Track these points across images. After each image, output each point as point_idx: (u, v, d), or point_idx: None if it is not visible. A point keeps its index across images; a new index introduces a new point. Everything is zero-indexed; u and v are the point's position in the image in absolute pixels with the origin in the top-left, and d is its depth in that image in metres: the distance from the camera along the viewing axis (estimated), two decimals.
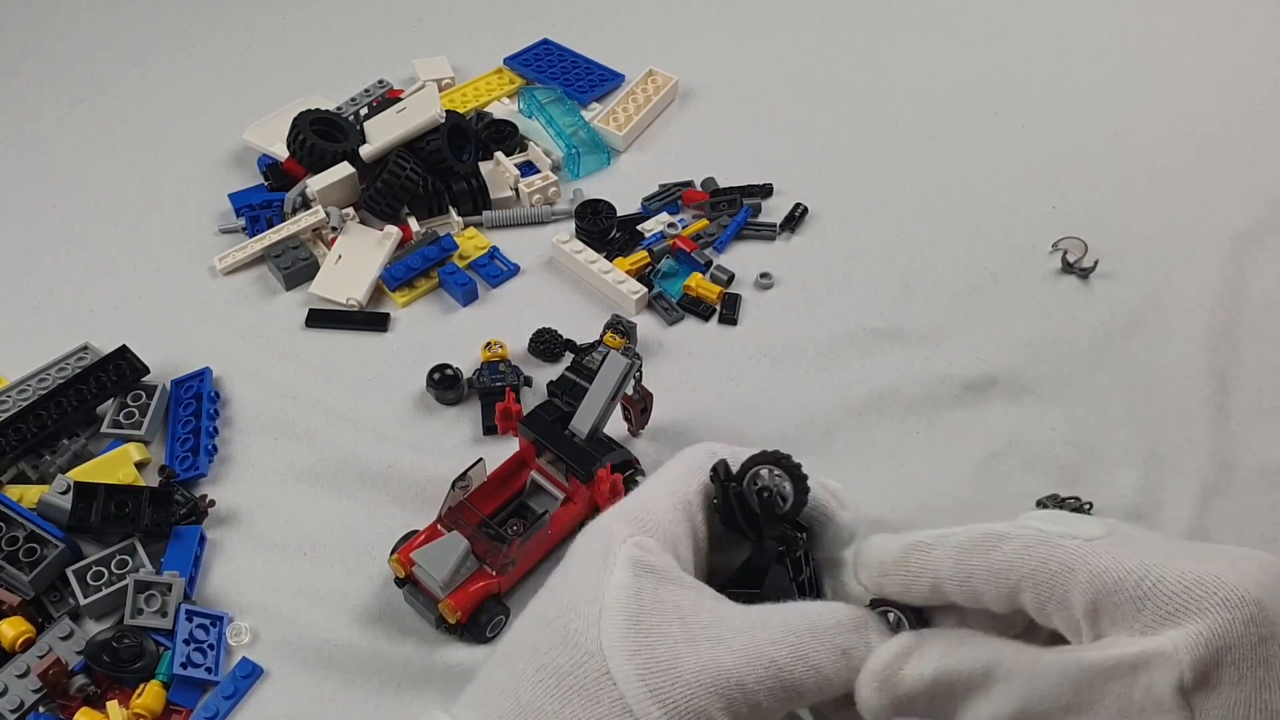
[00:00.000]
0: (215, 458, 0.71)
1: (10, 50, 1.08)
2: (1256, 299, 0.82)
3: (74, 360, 0.75)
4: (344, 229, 0.85)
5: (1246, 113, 1.00)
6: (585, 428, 0.64)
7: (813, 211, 0.89)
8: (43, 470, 0.69)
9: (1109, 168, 0.94)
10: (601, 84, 1.02)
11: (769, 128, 0.98)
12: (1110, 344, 0.79)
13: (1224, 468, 0.70)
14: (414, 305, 0.82)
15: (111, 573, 0.63)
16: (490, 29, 1.10)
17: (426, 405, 0.75)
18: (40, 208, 0.91)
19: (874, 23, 1.12)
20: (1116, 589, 0.36)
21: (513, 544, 0.60)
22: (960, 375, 0.76)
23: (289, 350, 0.79)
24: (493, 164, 0.92)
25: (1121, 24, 1.12)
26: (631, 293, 0.80)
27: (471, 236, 0.86)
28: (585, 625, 0.38)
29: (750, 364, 0.77)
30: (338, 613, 0.63)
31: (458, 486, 0.62)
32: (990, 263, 0.85)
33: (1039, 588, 0.38)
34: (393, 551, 0.62)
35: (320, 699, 0.59)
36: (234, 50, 1.08)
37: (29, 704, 0.58)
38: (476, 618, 0.60)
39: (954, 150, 0.96)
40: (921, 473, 0.70)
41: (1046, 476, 0.70)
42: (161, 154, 0.96)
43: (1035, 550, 0.38)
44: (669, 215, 0.88)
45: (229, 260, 0.84)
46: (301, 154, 0.87)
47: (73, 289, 0.83)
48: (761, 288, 0.83)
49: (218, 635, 0.61)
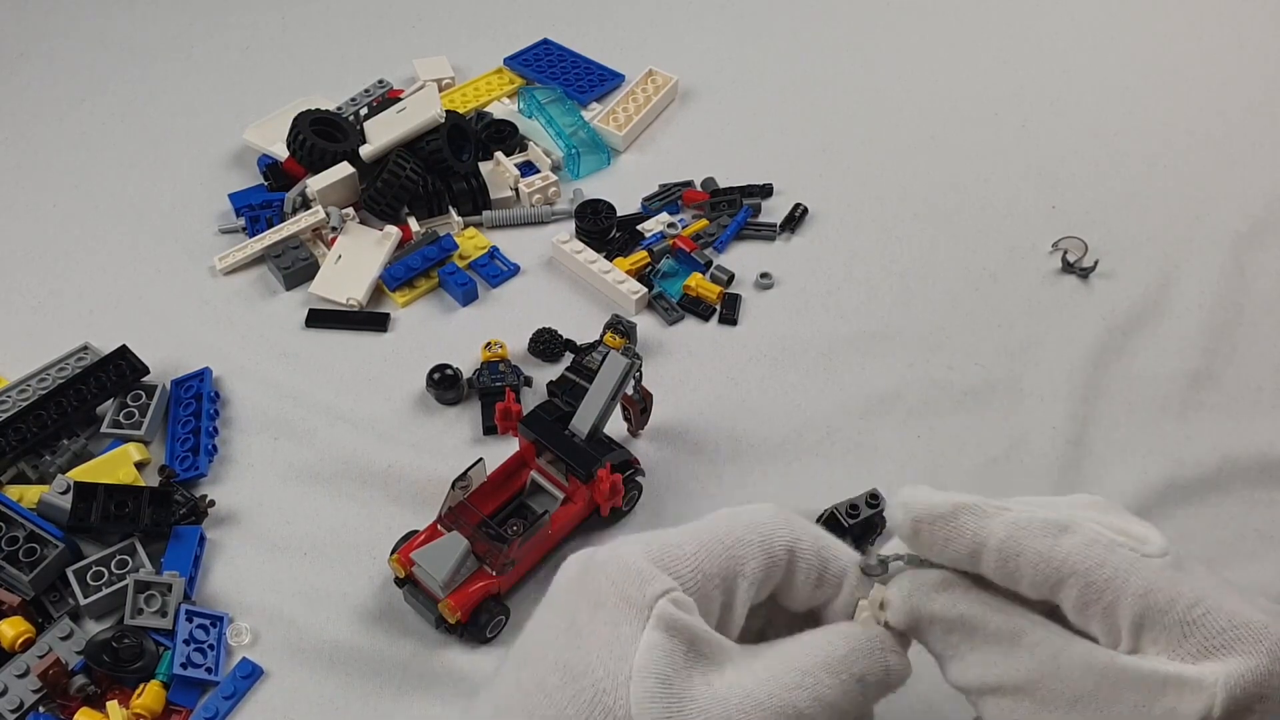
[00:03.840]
0: (215, 458, 0.71)
1: (10, 50, 1.08)
2: (1256, 298, 0.82)
3: (74, 360, 0.75)
4: (344, 229, 0.85)
5: (1245, 112, 1.00)
6: (585, 428, 0.64)
7: (813, 211, 0.89)
8: (43, 470, 0.69)
9: (1109, 168, 0.94)
10: (601, 84, 1.02)
11: (769, 128, 0.98)
12: (1110, 344, 0.79)
13: (1224, 466, 0.70)
14: (414, 305, 0.82)
15: (111, 573, 0.63)
16: (490, 29, 1.10)
17: (426, 405, 0.75)
18: (40, 208, 0.91)
19: (874, 23, 1.12)
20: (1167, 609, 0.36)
21: (513, 544, 0.60)
22: (960, 376, 0.76)
23: (289, 350, 0.79)
24: (493, 164, 0.92)
25: (1121, 24, 1.12)
26: (631, 293, 0.80)
27: (471, 236, 0.86)
28: (614, 686, 0.37)
29: (750, 364, 0.77)
30: (338, 613, 0.63)
31: (458, 486, 0.62)
32: (990, 263, 0.85)
33: (1089, 588, 0.37)
34: (393, 551, 0.62)
35: (320, 699, 0.59)
36: (234, 50, 1.08)
37: (29, 704, 0.58)
38: (476, 618, 0.60)
39: (954, 150, 0.96)
40: (922, 474, 0.70)
41: (1047, 477, 0.70)
42: (161, 154, 0.96)
43: (1094, 550, 0.37)
44: (669, 215, 0.88)
45: (229, 260, 0.84)
46: (301, 154, 0.87)
47: (73, 289, 0.83)
48: (761, 288, 0.83)
49: (218, 635, 0.61)
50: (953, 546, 0.39)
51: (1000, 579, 0.39)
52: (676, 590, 0.39)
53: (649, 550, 0.40)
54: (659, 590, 0.38)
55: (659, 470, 0.70)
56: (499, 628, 0.61)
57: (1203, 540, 0.66)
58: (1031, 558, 0.38)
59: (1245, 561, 0.65)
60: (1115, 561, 0.37)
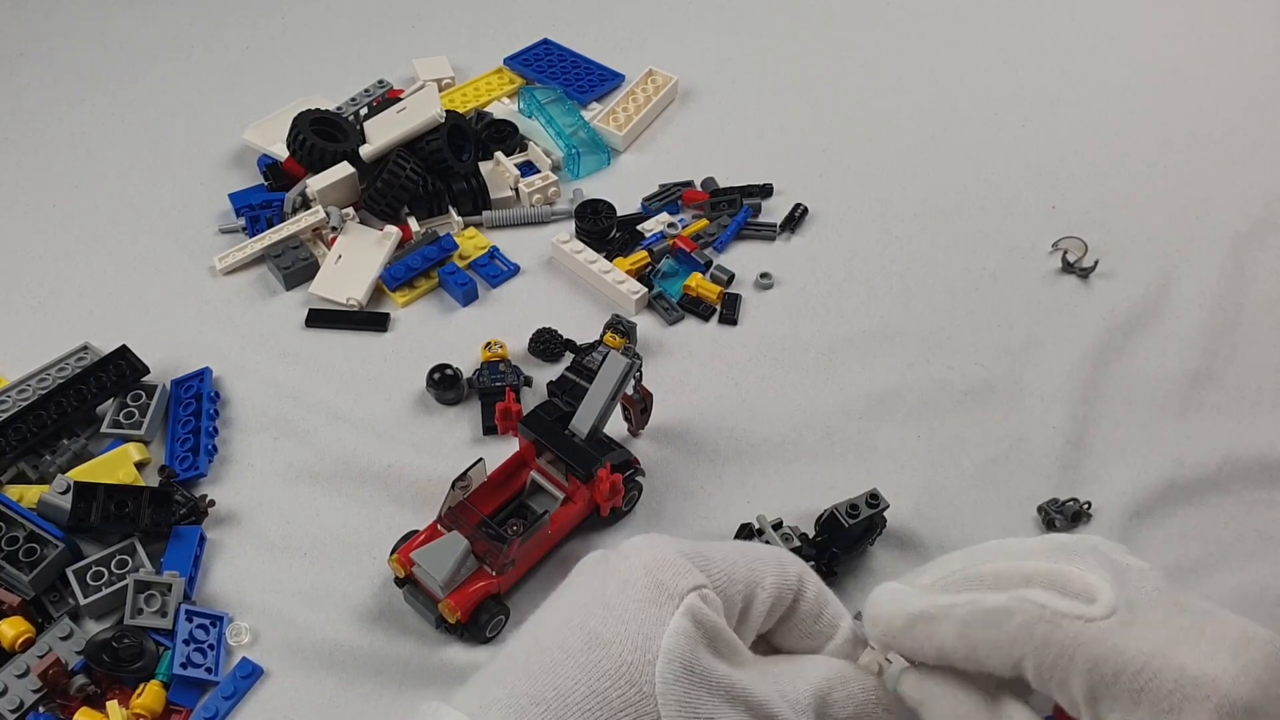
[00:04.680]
0: (215, 458, 0.71)
1: (10, 50, 1.08)
2: (1256, 299, 0.82)
3: (74, 360, 0.75)
4: (344, 229, 0.85)
5: (1246, 112, 1.00)
6: (585, 428, 0.64)
7: (813, 211, 0.89)
8: (43, 470, 0.69)
9: (1109, 168, 0.94)
10: (601, 84, 1.02)
11: (769, 128, 0.98)
12: (1110, 344, 0.79)
13: (1224, 466, 0.70)
14: (414, 305, 0.82)
15: (111, 573, 0.63)
16: (490, 29, 1.10)
17: (426, 405, 0.75)
18: (40, 208, 0.91)
19: (874, 23, 1.12)
20: (1113, 681, 0.37)
21: (513, 544, 0.60)
22: (960, 376, 0.76)
23: (289, 350, 0.79)
24: (493, 164, 0.92)
25: (1121, 24, 1.12)
26: (631, 293, 0.80)
27: (471, 236, 0.86)
28: (641, 661, 0.39)
29: (750, 364, 0.77)
30: (338, 613, 0.63)
31: (458, 486, 0.62)
32: (990, 263, 0.85)
33: (1039, 667, 0.39)
34: (393, 551, 0.62)
35: (320, 700, 0.59)
36: (234, 50, 1.08)
37: (29, 704, 0.58)
38: (476, 618, 0.60)
39: (954, 150, 0.96)
40: (922, 474, 0.70)
41: (1047, 477, 0.70)
42: (161, 154, 0.96)
43: (1037, 630, 0.39)
44: (669, 215, 0.88)
45: (229, 260, 0.84)
46: (301, 154, 0.87)
47: (73, 289, 0.83)
48: (761, 288, 0.83)
49: (218, 635, 0.61)
50: (921, 654, 0.43)
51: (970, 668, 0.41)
52: (707, 588, 0.42)
53: (680, 548, 0.43)
54: (691, 584, 0.41)
55: (659, 470, 0.70)
56: (499, 628, 0.61)
57: (1203, 540, 0.66)
58: (985, 650, 0.40)
59: (1245, 561, 0.65)
60: (1059, 639, 0.38)
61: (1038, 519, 0.68)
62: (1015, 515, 0.68)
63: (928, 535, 0.66)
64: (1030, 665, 0.39)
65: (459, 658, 0.61)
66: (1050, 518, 0.67)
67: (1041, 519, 0.68)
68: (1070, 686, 0.38)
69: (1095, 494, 0.68)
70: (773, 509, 0.66)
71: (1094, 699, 0.38)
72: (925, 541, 0.66)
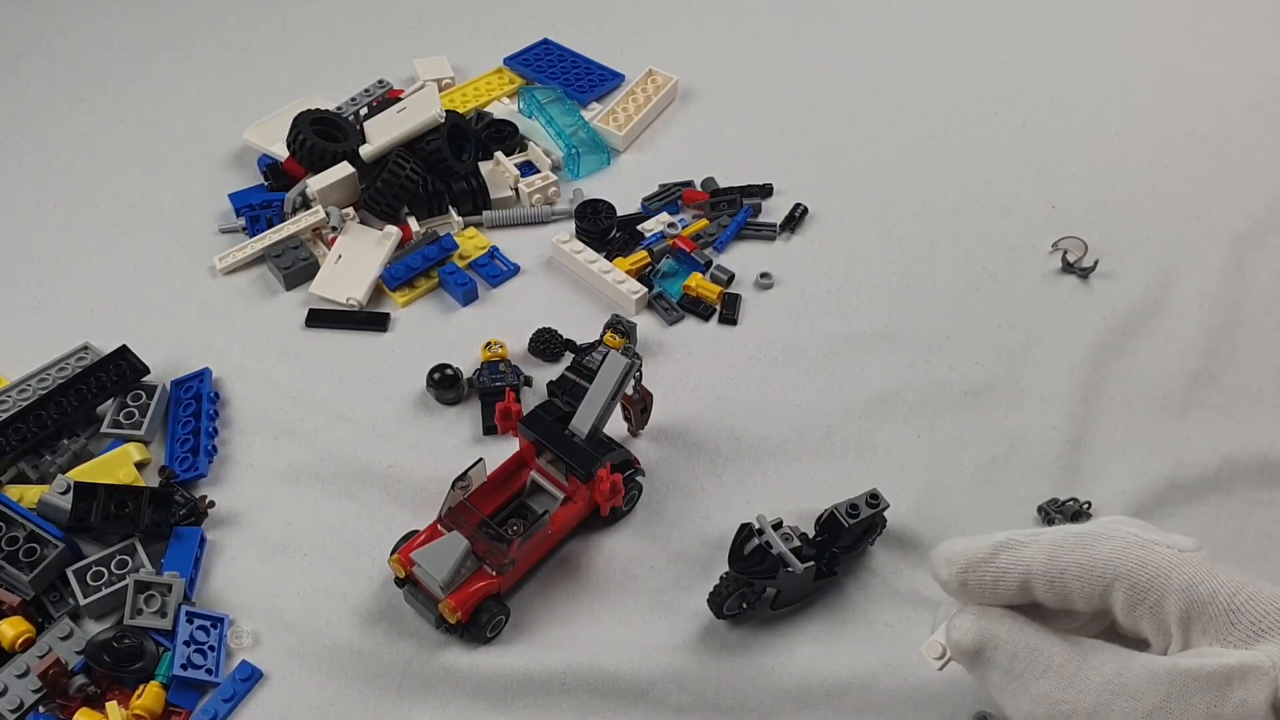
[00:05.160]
0: (215, 458, 0.71)
1: (10, 50, 1.08)
2: (1256, 298, 0.82)
3: (74, 360, 0.75)
4: (344, 229, 0.85)
5: (1246, 112, 1.00)
6: (585, 428, 0.64)
7: (813, 211, 0.89)
8: (43, 470, 0.69)
9: (1109, 168, 0.94)
10: (601, 84, 1.02)
11: (769, 128, 0.98)
12: (1110, 344, 0.79)
13: (1224, 466, 0.70)
14: (414, 305, 0.82)
15: (111, 573, 0.63)
16: (490, 29, 1.10)
17: (426, 405, 0.75)
18: (40, 208, 0.91)
19: (874, 23, 1.12)
20: (1211, 600, 0.37)
21: (513, 544, 0.60)
22: (960, 376, 0.76)
23: (289, 350, 0.79)
24: (493, 164, 0.92)
25: (1121, 24, 1.12)
26: (631, 293, 0.80)
27: (471, 236, 0.86)
28: None
29: (750, 364, 0.77)
30: (338, 613, 0.63)
31: (458, 486, 0.62)
32: (990, 263, 0.85)
33: (1134, 589, 0.39)
34: (393, 551, 0.62)
35: (320, 703, 0.59)
36: (234, 50, 1.08)
37: (29, 704, 0.58)
38: (477, 618, 0.60)
39: (954, 150, 0.96)
40: (922, 474, 0.70)
41: (1047, 477, 0.70)
42: (161, 154, 0.96)
43: (1131, 552, 0.39)
44: (669, 215, 0.88)
45: (229, 260, 0.84)
46: (301, 154, 0.87)
47: (73, 289, 0.83)
48: (761, 288, 0.83)
49: (218, 637, 0.61)
50: (1003, 584, 0.41)
51: (1052, 601, 0.40)
52: None
53: None
54: None
55: (659, 470, 0.70)
56: (499, 628, 0.61)
57: (1203, 540, 0.66)
58: (1075, 572, 0.39)
59: (1245, 561, 0.65)
60: (1155, 560, 0.39)
61: (1038, 519, 0.68)
62: (1015, 515, 0.68)
63: (928, 535, 0.66)
64: (1123, 589, 0.39)
65: (459, 658, 0.60)
66: (1050, 517, 0.67)
67: (1041, 519, 0.68)
68: (1164, 608, 0.38)
69: (1095, 494, 0.68)
70: (773, 509, 0.65)
71: (1188, 620, 0.38)
72: (925, 541, 0.66)
